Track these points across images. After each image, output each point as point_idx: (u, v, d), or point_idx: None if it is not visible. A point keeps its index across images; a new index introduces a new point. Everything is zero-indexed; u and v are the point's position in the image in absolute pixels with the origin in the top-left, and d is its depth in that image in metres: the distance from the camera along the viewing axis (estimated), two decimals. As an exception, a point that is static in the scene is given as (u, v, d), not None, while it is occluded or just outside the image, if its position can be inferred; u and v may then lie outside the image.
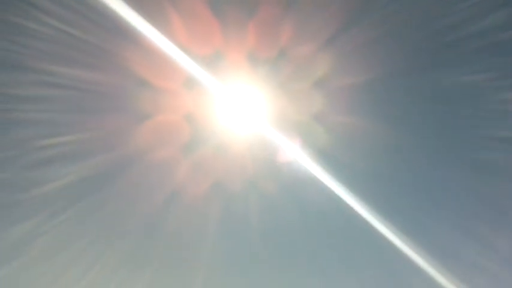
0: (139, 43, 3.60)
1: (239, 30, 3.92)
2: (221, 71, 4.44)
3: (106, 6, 3.43)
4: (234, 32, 3.91)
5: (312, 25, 4.02)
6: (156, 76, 4.25)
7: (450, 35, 4.14)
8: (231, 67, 4.33)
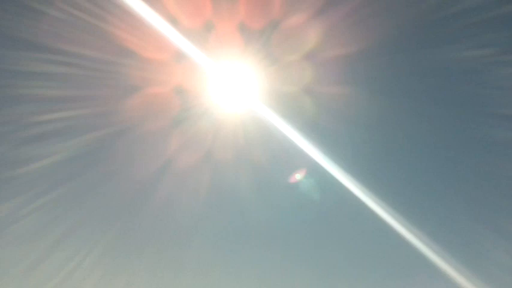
0: (130, 17, 3.55)
1: (229, 3, 3.87)
2: (211, 43, 4.41)
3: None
4: (224, 4, 3.87)
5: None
6: (147, 49, 4.21)
7: (445, 9, 4.13)
8: (221, 39, 4.30)
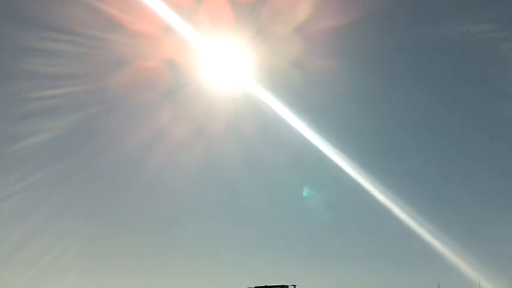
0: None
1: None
2: (201, 16, 4.47)
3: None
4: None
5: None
6: (137, 23, 4.25)
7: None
8: (211, 13, 4.36)
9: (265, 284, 16.46)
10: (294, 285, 15.95)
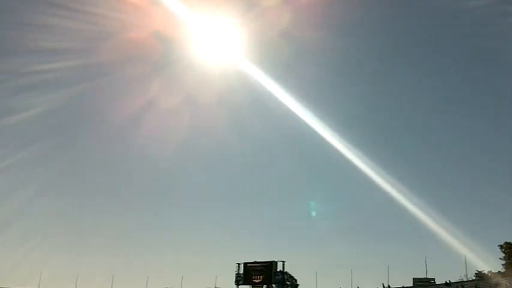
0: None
1: None
2: None
3: None
4: None
5: None
6: None
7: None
8: None
9: (255, 260, 16.75)
10: (283, 261, 16.29)
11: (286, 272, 17.34)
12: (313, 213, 22.54)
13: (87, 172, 28.60)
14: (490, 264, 14.05)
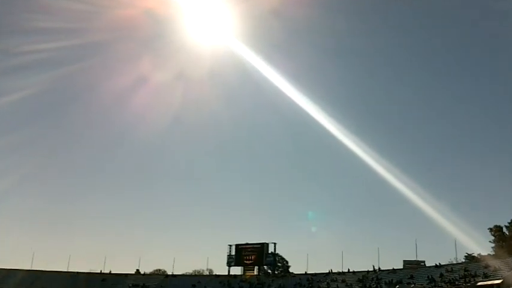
0: None
1: None
2: None
3: None
4: None
5: None
6: None
7: None
8: None
9: (247, 242, 16.74)
10: (275, 243, 16.32)
11: (277, 254, 17.44)
12: (310, 215, 22.88)
13: (78, 153, 28.29)
14: (480, 246, 14.17)
